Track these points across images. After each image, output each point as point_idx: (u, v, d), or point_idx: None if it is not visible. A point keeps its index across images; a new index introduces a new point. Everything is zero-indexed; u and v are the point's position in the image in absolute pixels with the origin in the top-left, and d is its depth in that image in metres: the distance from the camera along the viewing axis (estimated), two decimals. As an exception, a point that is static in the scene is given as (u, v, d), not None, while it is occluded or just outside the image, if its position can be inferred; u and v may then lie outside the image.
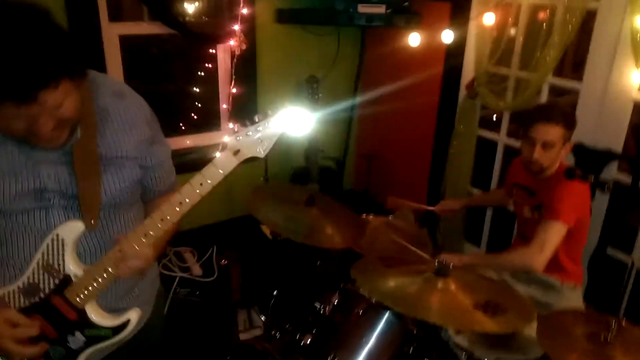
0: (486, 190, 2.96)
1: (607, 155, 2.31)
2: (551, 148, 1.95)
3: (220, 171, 1.09)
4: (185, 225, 1.26)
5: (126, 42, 2.87)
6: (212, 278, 2.61)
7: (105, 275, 1.14)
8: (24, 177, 1.11)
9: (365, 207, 2.54)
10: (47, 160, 1.13)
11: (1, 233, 1.17)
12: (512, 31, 2.60)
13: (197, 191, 1.10)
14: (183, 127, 3.42)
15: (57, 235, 1.14)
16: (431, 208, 2.58)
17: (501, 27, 2.58)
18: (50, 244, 1.14)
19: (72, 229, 1.14)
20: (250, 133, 1.07)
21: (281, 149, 3.44)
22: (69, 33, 1.02)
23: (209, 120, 3.36)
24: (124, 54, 2.87)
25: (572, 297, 2.09)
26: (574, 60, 3.15)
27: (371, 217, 2.42)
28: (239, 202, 3.18)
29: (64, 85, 0.98)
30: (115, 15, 2.81)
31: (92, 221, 1.16)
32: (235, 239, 3.06)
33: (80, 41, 1.07)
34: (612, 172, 2.33)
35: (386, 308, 1.57)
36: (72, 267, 1.14)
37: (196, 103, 3.34)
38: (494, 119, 3.09)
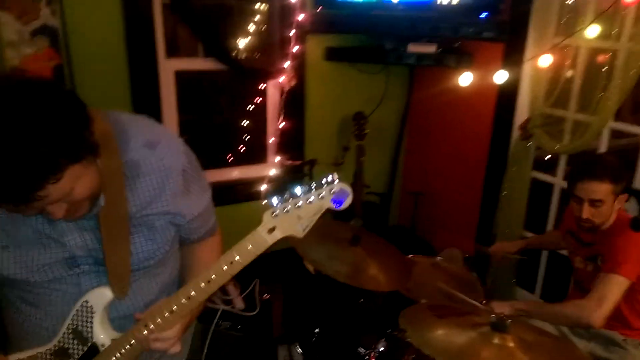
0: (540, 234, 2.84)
1: (675, 205, 2.17)
2: (601, 205, 1.84)
3: (253, 250, 1.00)
4: None
5: (180, 76, 2.98)
6: (254, 312, 2.58)
7: (131, 348, 1.10)
8: (51, 247, 1.05)
9: (410, 244, 2.47)
10: (73, 228, 1.06)
11: (32, 298, 1.11)
12: (569, 73, 2.53)
13: (226, 269, 1.02)
14: (231, 159, 3.48)
15: (86, 302, 1.09)
16: (487, 250, 2.50)
17: (558, 68, 2.52)
18: (79, 310, 1.10)
19: (100, 296, 1.09)
20: (289, 209, 0.96)
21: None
22: (71, 106, 0.90)
23: (256, 153, 3.41)
24: (177, 88, 2.97)
25: (638, 355, 1.93)
26: (633, 103, 3.03)
27: (417, 257, 2.35)
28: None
29: (70, 172, 0.88)
30: (172, 51, 2.93)
31: (122, 288, 1.09)
32: (277, 273, 3.04)
33: (83, 121, 0.92)
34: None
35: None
36: (101, 335, 1.11)
37: (245, 136, 3.40)
38: (547, 159, 2.98)
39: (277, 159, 3.20)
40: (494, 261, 2.75)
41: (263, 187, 3.15)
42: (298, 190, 0.96)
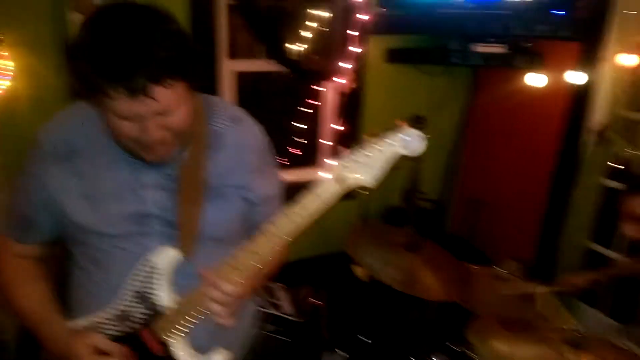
0: (606, 247, 2.61)
1: None
2: None
3: (322, 201, 0.97)
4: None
5: (240, 77, 3.00)
6: (305, 319, 2.52)
7: (196, 312, 1.07)
8: (129, 200, 1.08)
9: (467, 254, 2.35)
10: (153, 184, 1.09)
11: (98, 256, 1.13)
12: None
13: (294, 223, 0.98)
14: (287, 162, 3.46)
15: (152, 263, 1.09)
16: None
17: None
18: (143, 272, 1.09)
19: (167, 258, 1.08)
20: (358, 158, 0.94)
21: (379, 186, 3.34)
22: (193, 39, 0.99)
23: (312, 156, 3.37)
24: (237, 89, 2.99)
25: None
26: None
27: (476, 267, 2.22)
28: (331, 238, 3.11)
29: (177, 88, 0.94)
30: (233, 53, 2.95)
31: (188, 251, 1.09)
32: (325, 278, 2.98)
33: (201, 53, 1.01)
34: None
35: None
36: (165, 299, 1.08)
37: (301, 139, 3.38)
38: (618, 167, 2.74)
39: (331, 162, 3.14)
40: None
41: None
42: (366, 139, 0.94)
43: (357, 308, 2.81)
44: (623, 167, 2.59)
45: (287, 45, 2.95)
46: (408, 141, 0.92)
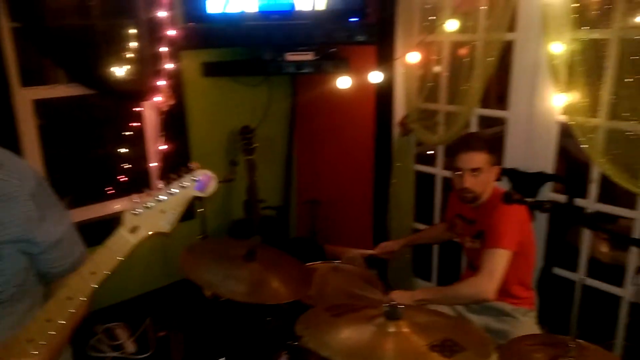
0: (430, 225, 2.95)
1: (540, 178, 2.36)
2: (479, 174, 1.99)
3: (116, 255, 0.92)
4: (115, 297, 1.09)
5: (44, 106, 2.70)
6: (149, 353, 2.37)
7: None
8: None
9: (313, 255, 2.44)
10: None
11: None
12: (437, 68, 2.68)
13: (89, 282, 0.91)
14: (112, 192, 3.21)
15: None
16: (370, 252, 2.51)
17: (426, 64, 2.65)
18: None
19: None
20: (150, 203, 0.91)
21: (218, 202, 3.31)
22: None
23: (140, 182, 3.18)
24: (42, 120, 2.69)
25: (527, 322, 2.06)
26: (498, 93, 3.29)
27: (318, 264, 2.32)
28: (177, 265, 2.99)
29: None
30: (29, 80, 2.65)
31: None
32: (175, 306, 2.84)
33: None
34: (547, 193, 2.38)
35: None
36: None
37: (125, 165, 3.17)
38: (428, 153, 3.12)
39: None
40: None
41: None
42: (158, 184, 0.93)
43: (212, 330, 2.73)
44: (432, 152, 2.94)
45: (91, 66, 2.74)
46: (200, 182, 0.94)
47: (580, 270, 2.35)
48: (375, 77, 2.57)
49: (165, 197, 0.91)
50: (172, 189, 0.92)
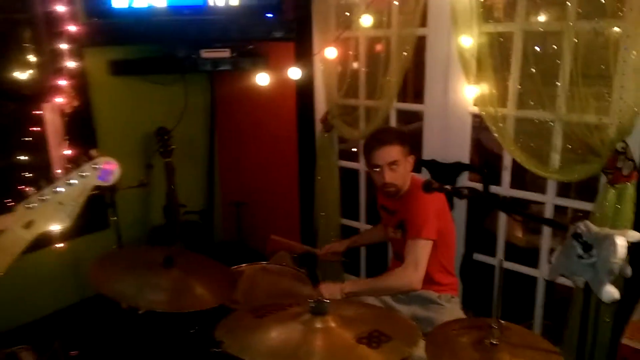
0: (356, 220, 2.96)
1: (457, 167, 2.43)
2: (397, 166, 2.01)
3: (9, 254, 0.85)
4: (20, 318, 0.98)
5: None
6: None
7: None
8: None
9: (241, 258, 2.35)
10: None
11: None
12: (356, 64, 2.69)
13: None
14: (12, 204, 2.91)
15: None
16: (315, 251, 2.52)
17: (345, 60, 2.66)
18: None
19: None
20: (46, 197, 0.85)
21: (134, 209, 3.12)
22: None
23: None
24: None
25: (452, 308, 2.10)
26: (416, 88, 3.38)
27: (244, 266, 2.24)
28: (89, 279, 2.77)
29: None
30: None
31: None
32: (89, 324, 2.62)
33: None
34: (464, 182, 2.46)
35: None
36: None
37: (26, 173, 2.88)
38: (353, 150, 3.14)
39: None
40: (323, 260, 2.77)
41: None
42: (56, 175, 0.86)
43: (132, 345, 2.55)
44: (355, 149, 2.95)
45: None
46: (102, 170, 0.89)
47: (499, 255, 2.45)
48: (295, 73, 2.53)
49: (63, 189, 0.84)
50: (70, 179, 0.85)
